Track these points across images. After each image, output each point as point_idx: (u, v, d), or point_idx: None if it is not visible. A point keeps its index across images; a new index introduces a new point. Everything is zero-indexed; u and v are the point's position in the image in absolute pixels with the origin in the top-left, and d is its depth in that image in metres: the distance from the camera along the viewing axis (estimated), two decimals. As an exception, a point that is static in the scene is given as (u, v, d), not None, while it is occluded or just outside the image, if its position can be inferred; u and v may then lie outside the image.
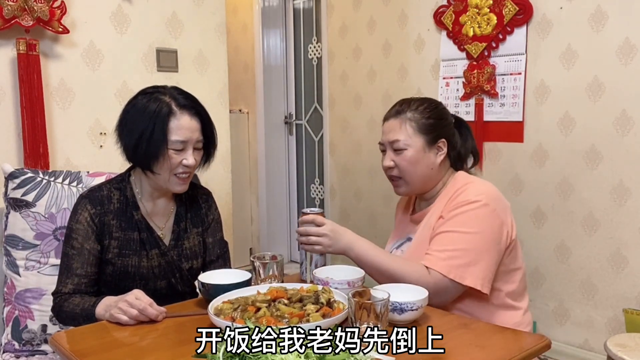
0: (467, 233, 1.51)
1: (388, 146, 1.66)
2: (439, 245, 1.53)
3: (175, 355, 1.19)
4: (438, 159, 1.64)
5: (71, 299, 1.50)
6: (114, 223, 1.57)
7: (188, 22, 2.72)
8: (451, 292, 1.50)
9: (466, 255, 1.49)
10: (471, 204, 1.53)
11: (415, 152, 1.61)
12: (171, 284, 1.62)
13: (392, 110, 1.68)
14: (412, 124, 1.62)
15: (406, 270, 1.49)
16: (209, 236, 1.71)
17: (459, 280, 1.47)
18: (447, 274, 1.47)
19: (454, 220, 1.54)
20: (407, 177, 1.64)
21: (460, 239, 1.51)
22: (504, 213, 1.57)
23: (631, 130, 2.41)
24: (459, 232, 1.52)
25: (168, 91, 1.55)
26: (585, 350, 2.63)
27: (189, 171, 1.55)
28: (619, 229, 2.48)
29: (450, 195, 1.60)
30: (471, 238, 1.51)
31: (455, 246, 1.50)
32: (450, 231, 1.53)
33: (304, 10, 4.26)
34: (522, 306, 1.64)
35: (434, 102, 1.69)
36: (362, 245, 1.55)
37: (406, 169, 1.63)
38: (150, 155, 1.50)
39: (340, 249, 1.54)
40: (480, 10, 2.81)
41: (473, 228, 1.51)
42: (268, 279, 1.52)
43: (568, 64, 2.58)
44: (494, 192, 1.58)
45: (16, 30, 2.18)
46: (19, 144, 2.25)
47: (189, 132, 1.52)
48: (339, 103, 3.67)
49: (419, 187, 1.67)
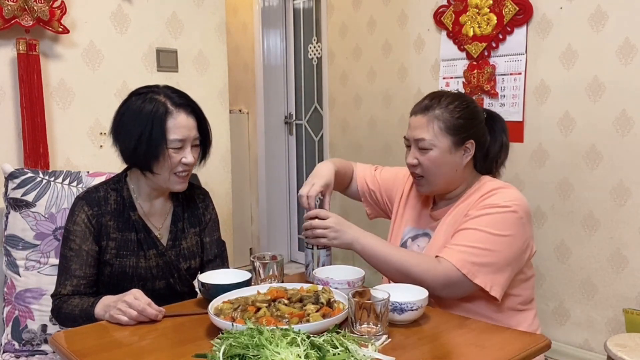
0: (492, 234, 1.46)
1: (413, 143, 1.57)
2: (459, 240, 1.48)
3: (175, 355, 1.19)
4: (464, 161, 1.56)
5: (70, 301, 1.50)
6: (111, 224, 1.56)
7: (188, 22, 2.72)
8: (461, 288, 1.45)
9: (485, 255, 1.44)
10: (501, 208, 1.48)
11: (441, 153, 1.53)
12: (170, 284, 1.62)
13: (421, 105, 1.58)
14: (440, 123, 1.52)
15: (414, 261, 1.46)
16: (206, 236, 1.71)
17: (470, 277, 1.42)
18: (460, 268, 1.42)
19: (480, 219, 1.48)
20: (430, 178, 1.57)
21: (483, 238, 1.46)
22: (530, 225, 1.53)
23: (631, 130, 2.41)
24: (483, 232, 1.46)
25: (162, 90, 1.55)
26: (585, 350, 2.63)
27: (188, 169, 1.55)
28: (619, 229, 2.48)
29: (477, 198, 1.54)
30: (495, 240, 1.46)
31: (476, 244, 1.45)
32: (474, 229, 1.48)
33: (304, 10, 4.26)
34: (531, 307, 1.62)
35: (466, 100, 1.58)
36: (368, 237, 1.52)
37: (429, 169, 1.55)
38: (150, 156, 1.50)
39: (346, 241, 1.52)
40: (480, 10, 2.81)
41: (500, 231, 1.46)
42: (268, 279, 1.52)
43: (568, 64, 2.58)
44: (524, 202, 1.53)
45: (16, 30, 2.18)
46: (19, 144, 2.25)
47: (187, 130, 1.52)
48: (339, 103, 3.67)
49: (441, 188, 1.60)
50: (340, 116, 3.67)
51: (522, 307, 1.59)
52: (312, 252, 1.59)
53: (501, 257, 1.46)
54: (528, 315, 1.60)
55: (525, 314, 1.60)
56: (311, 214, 1.55)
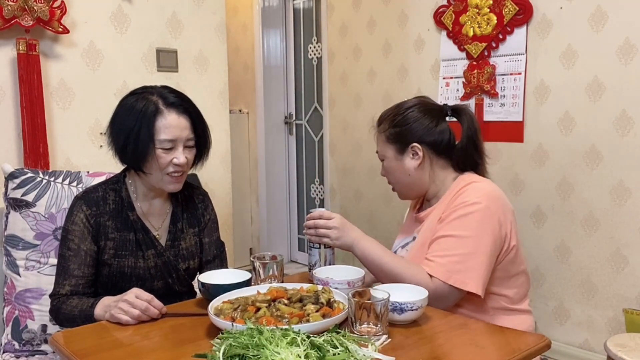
0: (465, 237, 1.49)
1: None
2: (438, 250, 1.51)
3: (175, 355, 1.19)
4: (414, 164, 1.61)
5: (69, 301, 1.50)
6: (110, 224, 1.56)
7: (188, 22, 2.72)
8: (452, 298, 1.49)
9: (465, 260, 1.47)
10: (470, 206, 1.51)
11: (390, 162, 1.65)
12: (168, 284, 1.62)
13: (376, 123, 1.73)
14: (382, 136, 1.66)
15: (409, 274, 1.48)
16: (205, 236, 1.70)
17: (459, 286, 1.46)
18: (446, 280, 1.46)
19: (452, 224, 1.52)
20: (395, 185, 1.69)
21: (458, 243, 1.49)
22: (504, 215, 1.54)
23: (631, 130, 2.41)
24: (456, 237, 1.50)
25: (157, 90, 1.54)
26: (585, 350, 2.63)
27: (181, 170, 1.53)
28: (619, 229, 2.48)
29: (452, 196, 1.58)
30: (469, 242, 1.48)
31: (453, 251, 1.48)
32: (448, 235, 1.51)
33: (304, 10, 4.26)
34: (522, 309, 1.62)
35: (403, 108, 1.64)
36: (368, 243, 1.54)
37: (389, 177, 1.68)
38: (139, 156, 1.49)
39: (347, 243, 1.55)
40: (480, 10, 2.81)
41: (471, 231, 1.49)
42: (268, 279, 1.52)
43: (568, 64, 2.58)
44: (495, 193, 1.55)
45: (16, 30, 2.18)
46: (19, 144, 2.25)
47: (178, 131, 1.50)
48: (339, 103, 3.67)
49: (407, 193, 1.70)
50: (340, 116, 3.67)
51: (510, 306, 1.59)
52: (319, 251, 1.59)
53: (477, 255, 1.48)
54: (518, 318, 1.59)
55: (515, 318, 1.58)
56: (315, 215, 1.57)
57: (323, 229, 1.55)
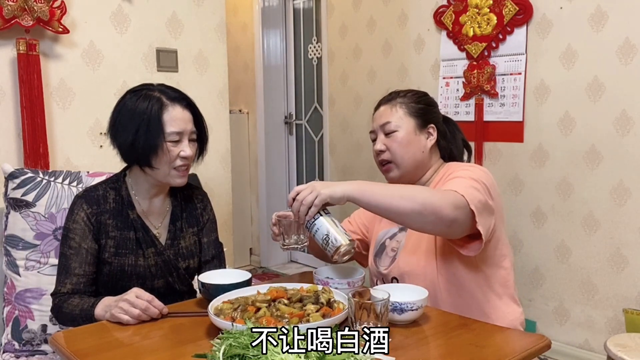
0: (474, 177, 1.50)
1: (379, 130, 1.66)
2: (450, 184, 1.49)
3: (175, 355, 1.19)
4: (429, 144, 1.65)
5: (70, 300, 1.50)
6: (110, 222, 1.57)
7: (188, 22, 2.72)
8: (464, 223, 1.39)
9: (483, 190, 1.46)
10: (464, 170, 1.54)
11: (407, 134, 1.62)
12: (168, 283, 1.62)
13: (382, 99, 1.72)
14: (404, 107, 1.65)
15: (419, 188, 1.48)
16: (204, 236, 1.71)
17: (475, 211, 1.38)
18: (470, 202, 1.38)
19: (456, 173, 1.54)
20: (398, 160, 1.62)
21: (469, 180, 1.48)
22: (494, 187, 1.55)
23: (631, 130, 2.41)
24: (464, 178, 1.49)
25: (156, 87, 1.57)
26: (585, 350, 2.63)
27: (187, 163, 1.56)
28: (619, 229, 2.48)
29: (444, 177, 1.59)
30: (478, 176, 1.50)
31: (472, 182, 1.46)
32: (458, 177, 1.51)
33: (304, 10, 4.26)
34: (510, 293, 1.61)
35: (423, 91, 1.74)
36: (366, 182, 1.42)
37: (397, 150, 1.61)
38: (149, 150, 1.50)
39: (339, 192, 1.36)
40: (480, 10, 2.81)
41: (476, 174, 1.51)
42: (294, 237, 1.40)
43: (568, 64, 2.58)
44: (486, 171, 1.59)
45: (16, 30, 2.18)
46: (19, 144, 2.25)
47: (183, 123, 1.53)
48: (339, 103, 3.67)
49: (409, 171, 1.63)
50: (340, 116, 3.67)
51: (498, 290, 1.58)
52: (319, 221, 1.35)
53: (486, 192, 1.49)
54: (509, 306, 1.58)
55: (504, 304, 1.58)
56: (292, 194, 1.37)
57: (305, 194, 1.34)
